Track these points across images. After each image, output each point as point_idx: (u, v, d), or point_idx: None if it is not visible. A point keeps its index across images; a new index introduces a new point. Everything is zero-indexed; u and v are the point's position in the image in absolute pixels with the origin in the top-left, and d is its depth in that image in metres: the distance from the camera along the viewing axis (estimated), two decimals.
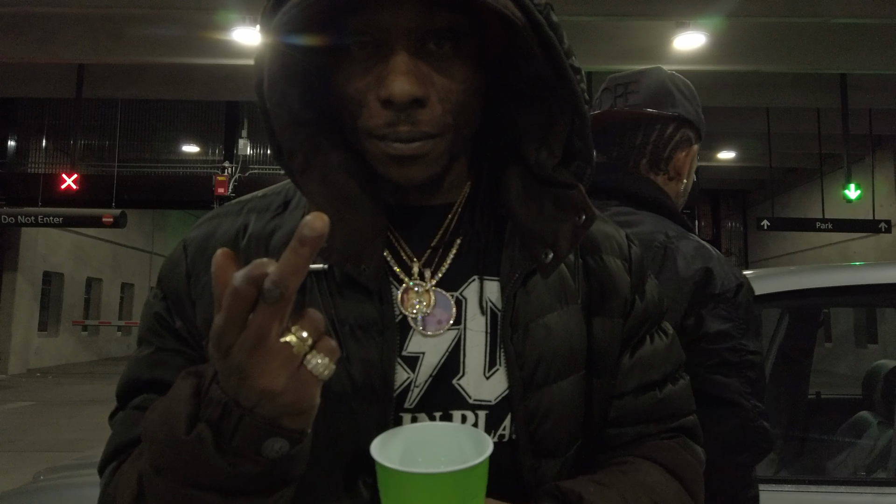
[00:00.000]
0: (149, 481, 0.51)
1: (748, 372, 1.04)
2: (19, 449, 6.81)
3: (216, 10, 8.58)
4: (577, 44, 3.25)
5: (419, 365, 0.62)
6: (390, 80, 0.56)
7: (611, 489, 0.62)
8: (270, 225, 0.67)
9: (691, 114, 1.26)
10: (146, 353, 0.66)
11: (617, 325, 0.70)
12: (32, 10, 8.96)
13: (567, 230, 0.63)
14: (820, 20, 8.46)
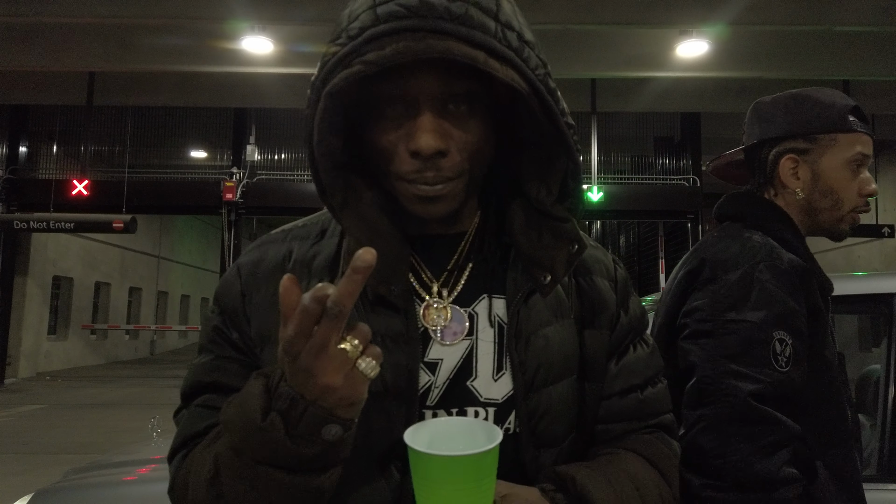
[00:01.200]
0: (225, 462, 0.63)
1: (727, 339, 1.09)
2: (33, 451, 6.93)
3: (226, 20, 8.74)
4: (582, 51, 3.46)
5: (438, 369, 0.73)
6: (418, 136, 0.67)
7: (598, 473, 0.72)
8: (311, 251, 0.79)
9: (778, 126, 1.27)
10: (206, 360, 0.77)
11: (604, 337, 0.81)
12: (44, 20, 9.12)
13: (562, 257, 0.75)
14: (822, 28, 8.55)
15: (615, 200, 12.75)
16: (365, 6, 0.66)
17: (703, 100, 11.99)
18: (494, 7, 0.66)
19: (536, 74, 0.67)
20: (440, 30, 0.63)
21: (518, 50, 0.66)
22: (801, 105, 1.27)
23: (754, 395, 1.05)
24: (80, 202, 11.66)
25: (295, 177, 13.16)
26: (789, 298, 1.11)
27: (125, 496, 2.04)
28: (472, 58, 0.63)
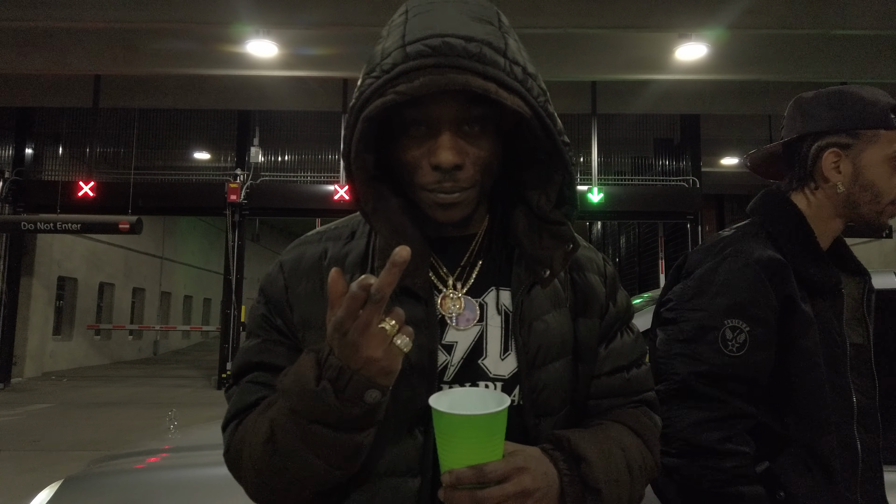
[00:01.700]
0: (281, 424, 0.75)
1: (683, 325, 1.22)
2: (43, 448, 7.05)
3: (231, 24, 8.86)
4: (583, 54, 3.64)
5: (454, 350, 0.86)
6: (439, 152, 0.80)
7: (589, 436, 0.85)
8: (344, 249, 0.92)
9: (822, 121, 1.29)
10: (254, 343, 0.90)
11: (595, 324, 0.94)
12: (52, 24, 9.24)
13: (559, 255, 0.87)
14: (820, 32, 8.66)
15: (615, 201, 12.86)
16: (396, 45, 0.78)
17: (702, 102, 12.10)
18: (503, 46, 0.79)
19: (538, 101, 0.79)
20: (459, 66, 0.75)
21: (523, 81, 0.79)
22: (844, 101, 1.29)
23: (697, 374, 1.17)
24: (86, 204, 11.80)
25: (298, 178, 13.28)
26: (750, 290, 1.19)
27: (144, 481, 2.16)
28: (486, 89, 0.75)
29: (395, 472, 0.82)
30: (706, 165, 15.88)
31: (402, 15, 0.84)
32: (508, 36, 0.82)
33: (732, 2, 7.92)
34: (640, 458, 0.88)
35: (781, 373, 1.21)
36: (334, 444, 0.75)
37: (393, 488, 0.82)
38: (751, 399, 1.18)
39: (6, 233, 12.53)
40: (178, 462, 2.27)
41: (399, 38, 0.78)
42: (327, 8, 8.36)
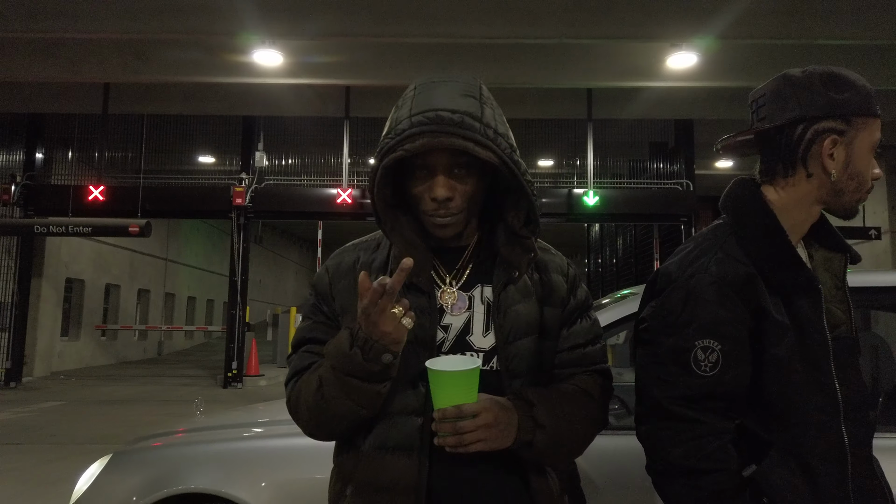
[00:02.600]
0: (326, 377, 1.09)
1: (656, 348, 1.22)
2: (60, 442, 7.37)
3: (238, 34, 9.16)
4: (578, 63, 4.21)
5: (449, 330, 1.18)
6: (435, 189, 1.13)
7: (541, 390, 1.18)
8: (371, 257, 1.25)
9: (818, 105, 1.23)
10: (307, 324, 1.24)
11: (557, 312, 1.26)
12: (65, 35, 9.54)
13: (525, 261, 1.21)
14: (805, 41, 8.98)
15: (611, 204, 13.18)
16: (405, 116, 1.12)
17: (695, 107, 12.42)
18: (480, 114, 1.12)
19: (506, 153, 1.13)
20: (447, 131, 1.09)
21: (493, 139, 1.12)
22: (839, 85, 1.23)
23: (671, 398, 1.18)
24: (96, 207, 12.12)
25: (301, 182, 13.60)
26: (718, 308, 1.18)
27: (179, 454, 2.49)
28: (465, 147, 1.09)
29: (404, 412, 1.15)
30: (702, 168, 16.19)
31: (411, 91, 1.18)
32: (486, 105, 1.15)
33: (721, 13, 8.23)
34: (584, 409, 1.21)
35: (759, 381, 1.21)
36: (361, 391, 1.09)
37: (402, 424, 1.15)
38: (729, 414, 1.19)
39: (19, 236, 12.84)
40: (206, 438, 2.59)
41: (408, 110, 1.13)
42: (331, 19, 8.67)
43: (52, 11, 8.70)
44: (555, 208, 13.26)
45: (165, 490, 2.30)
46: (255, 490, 2.20)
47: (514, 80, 10.83)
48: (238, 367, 12.84)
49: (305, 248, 38.85)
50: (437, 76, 1.20)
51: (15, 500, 5.04)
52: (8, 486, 5.40)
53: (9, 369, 12.80)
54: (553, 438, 1.14)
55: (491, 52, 10.15)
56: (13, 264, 13.36)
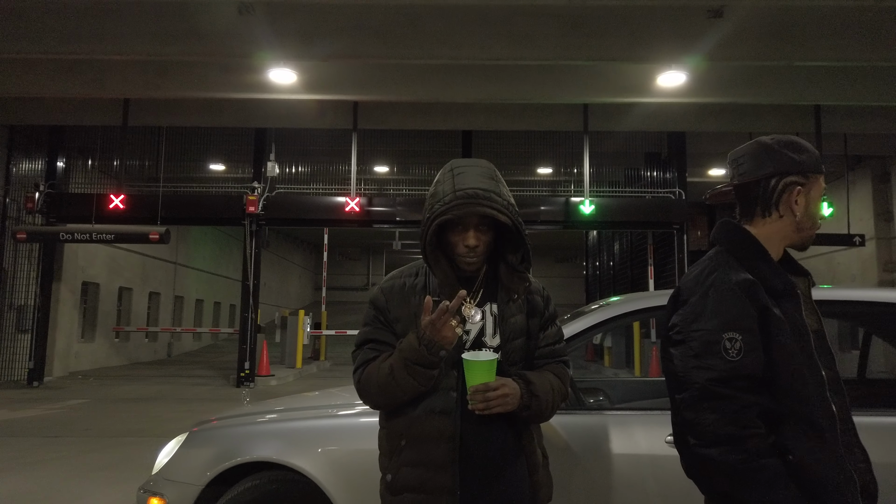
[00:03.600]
0: (397, 366, 1.71)
1: (691, 343, 1.53)
2: (95, 435, 7.96)
3: (254, 55, 9.77)
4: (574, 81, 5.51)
5: (469, 333, 1.80)
6: (468, 240, 1.74)
7: (535, 373, 1.79)
8: (413, 282, 1.85)
9: (786, 164, 1.60)
10: (369, 328, 1.84)
11: (537, 322, 1.87)
12: (90, 56, 10.12)
13: (522, 288, 1.83)
14: (784, 63, 9.61)
15: (607, 212, 13.79)
16: (450, 191, 1.71)
17: (686, 120, 13.04)
18: (499, 191, 1.73)
19: (514, 217, 1.74)
20: (479, 203, 1.69)
21: (508, 208, 1.73)
22: (800, 149, 1.61)
23: (711, 380, 1.47)
24: (117, 215, 12.74)
25: (311, 190, 14.22)
26: (734, 307, 1.51)
27: (246, 431, 3.09)
28: (491, 213, 1.70)
29: (446, 388, 1.75)
30: (695, 176, 16.79)
31: (449, 171, 1.79)
32: (500, 184, 1.78)
33: (705, 37, 8.85)
34: (557, 385, 1.82)
35: (770, 365, 1.50)
36: (423, 375, 1.69)
37: (444, 396, 1.75)
38: (754, 390, 1.47)
39: (46, 242, 13.46)
40: (263, 419, 3.20)
41: (451, 186, 1.73)
42: (341, 42, 9.28)
43: (81, 34, 9.31)
44: (553, 216, 13.89)
45: (236, 459, 2.91)
46: (310, 457, 2.81)
47: (513, 97, 11.46)
48: (250, 368, 13.44)
49: (309, 251, 39.48)
50: (465, 162, 1.83)
51: (68, 483, 5.65)
52: (59, 472, 6.01)
53: (32, 369, 13.41)
54: (542, 404, 1.76)
55: (492, 71, 10.79)
56: (34, 269, 13.99)
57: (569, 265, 37.76)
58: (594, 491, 2.60)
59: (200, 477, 2.94)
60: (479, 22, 9.03)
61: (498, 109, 13.08)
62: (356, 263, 42.57)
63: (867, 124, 13.12)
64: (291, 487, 2.83)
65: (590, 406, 3.11)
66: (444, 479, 1.70)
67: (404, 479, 1.75)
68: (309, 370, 16.50)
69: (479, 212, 1.70)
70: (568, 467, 2.60)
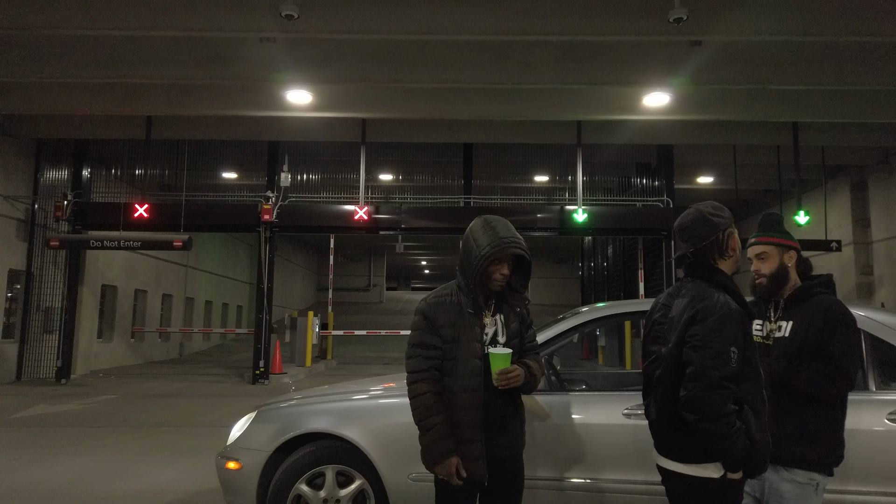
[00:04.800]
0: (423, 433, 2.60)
1: (709, 350, 2.14)
2: (135, 425, 8.83)
3: (272, 78, 10.61)
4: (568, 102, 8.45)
5: (486, 335, 2.68)
6: (504, 269, 2.63)
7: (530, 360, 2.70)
8: (451, 299, 2.72)
9: (723, 222, 2.37)
10: (419, 332, 2.71)
11: (525, 326, 2.77)
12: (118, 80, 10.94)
13: (522, 304, 2.74)
14: (758, 87, 10.50)
15: (599, 219, 14.68)
16: (493, 239, 2.58)
17: (672, 134, 13.94)
18: (522, 239, 2.63)
19: (528, 254, 2.63)
20: (514, 246, 2.58)
21: (526, 249, 2.62)
22: (723, 209, 2.41)
23: (722, 377, 2.12)
24: (141, 223, 13.61)
25: (321, 199, 15.10)
26: (737, 329, 2.18)
27: (302, 410, 3.96)
28: (521, 254, 2.61)
29: (474, 373, 2.58)
30: (684, 183, 17.67)
31: (485, 225, 2.65)
32: (518, 232, 2.66)
33: (686, 63, 9.72)
34: (539, 368, 2.72)
35: (741, 370, 2.19)
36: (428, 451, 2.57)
37: (473, 378, 2.56)
38: (736, 385, 2.15)
39: (77, 249, 14.31)
40: (315, 401, 4.08)
41: (494, 236, 2.59)
42: (353, 67, 10.16)
43: (113, 61, 10.16)
44: (548, 223, 14.78)
45: (295, 431, 3.79)
46: (356, 429, 3.69)
47: (511, 115, 12.36)
48: (265, 366, 14.32)
49: (311, 253, 40.33)
50: (492, 218, 2.69)
51: (127, 465, 6.52)
52: (115, 455, 6.89)
53: (59, 367, 14.27)
54: (535, 382, 2.66)
55: (492, 93, 11.70)
56: (60, 273, 14.86)
57: (566, 266, 38.74)
58: (571, 451, 3.49)
59: (269, 445, 3.82)
60: (481, 50, 9.92)
61: (497, 125, 13.97)
62: (357, 265, 43.46)
63: (844, 137, 14.00)
64: (341, 452, 3.71)
65: (568, 389, 4.00)
66: (473, 433, 2.57)
67: None
68: (318, 368, 17.36)
69: (516, 253, 2.59)
70: (552, 434, 3.49)
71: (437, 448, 2.53)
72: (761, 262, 2.71)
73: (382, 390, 4.02)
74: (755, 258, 2.73)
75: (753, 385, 2.23)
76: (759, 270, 2.72)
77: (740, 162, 15.34)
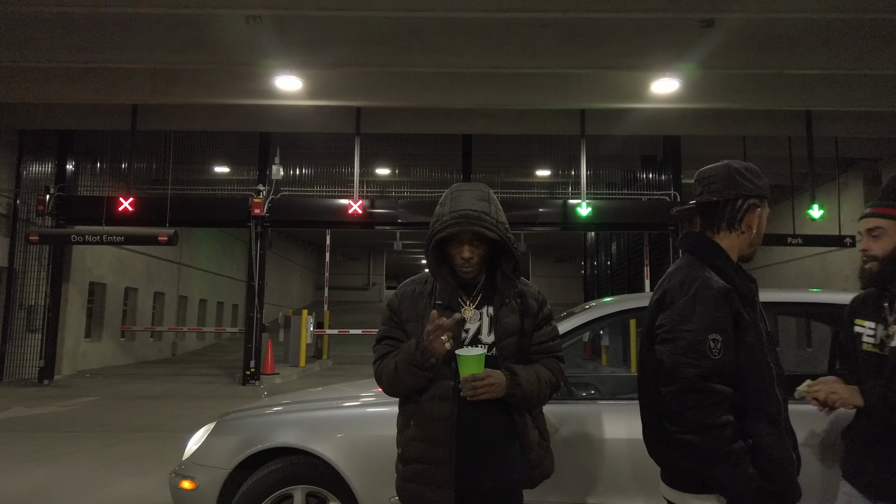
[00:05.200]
0: (400, 364, 2.06)
1: (679, 342, 1.72)
2: (112, 430, 8.28)
3: (260, 63, 10.07)
4: (570, 88, 6.62)
5: (468, 332, 2.13)
6: (463, 252, 2.08)
7: (522, 367, 2.11)
8: (422, 288, 2.19)
9: (751, 188, 1.86)
10: (386, 327, 2.18)
11: (531, 321, 2.19)
12: (99, 65, 10.42)
13: (512, 293, 2.15)
14: (774, 71, 9.93)
15: (603, 214, 14.11)
16: (447, 212, 2.05)
17: (681, 124, 13.36)
18: (489, 211, 2.06)
19: (503, 233, 2.06)
20: (471, 222, 2.03)
21: (497, 226, 2.06)
22: (759, 176, 1.89)
23: (698, 376, 1.68)
24: (126, 217, 13.06)
25: (314, 193, 14.54)
26: (716, 311, 1.71)
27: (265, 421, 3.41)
28: (481, 231, 2.04)
29: (445, 378, 2.06)
30: (690, 178, 17.02)
31: (449, 195, 2.11)
32: (492, 205, 2.10)
33: (698, 46, 9.16)
34: (547, 377, 2.14)
35: (738, 363, 1.73)
36: (418, 375, 2.02)
37: (443, 385, 2.06)
38: (725, 385, 1.68)
39: (58, 244, 13.77)
40: (284, 410, 3.53)
41: (448, 209, 2.06)
42: (345, 51, 9.60)
43: (94, 44, 9.62)
44: (551, 218, 14.22)
45: (259, 445, 3.24)
46: (328, 444, 3.14)
47: (511, 103, 11.79)
48: (256, 366, 13.77)
49: (309, 251, 39.79)
50: (463, 186, 2.15)
51: (94, 473, 5.98)
52: (84, 464, 6.34)
53: (42, 368, 13.74)
54: (526, 392, 2.08)
55: (491, 79, 11.13)
56: (44, 270, 14.32)
57: (568, 265, 38.03)
58: (583, 471, 2.94)
59: (229, 461, 3.27)
60: (480, 32, 9.35)
61: (497, 114, 13.41)
62: (357, 263, 42.92)
63: (858, 128, 13.43)
64: (312, 471, 3.17)
65: (579, 397, 3.44)
66: (442, 452, 2.03)
67: (412, 451, 2.10)
68: (312, 369, 16.82)
69: (471, 230, 2.03)
70: (559, 451, 2.93)
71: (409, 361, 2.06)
72: (873, 241, 2.05)
73: (374, 396, 3.47)
74: (866, 234, 2.07)
75: (762, 383, 1.75)
76: (868, 250, 2.05)
77: (750, 155, 14.73)
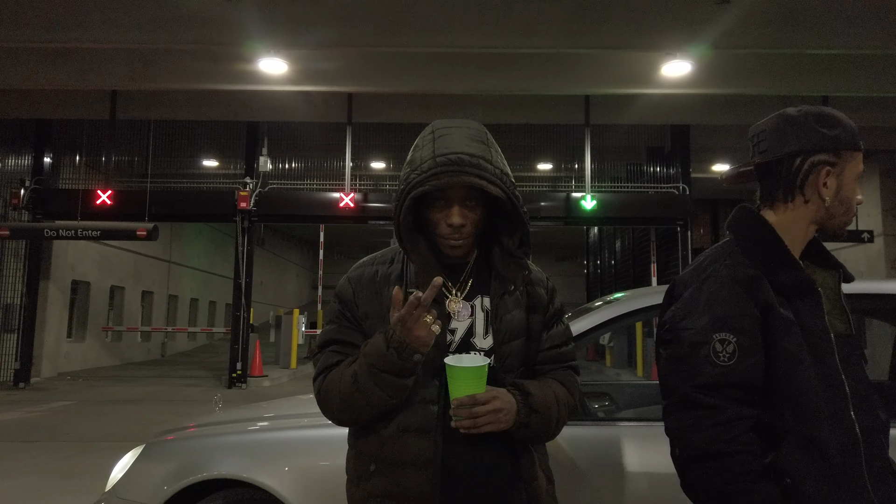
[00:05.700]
0: (362, 373, 1.33)
1: (676, 345, 1.36)
2: (76, 440, 7.61)
3: (243, 43, 9.41)
4: (575, 71, 4.89)
5: (455, 333, 1.43)
6: (452, 217, 1.37)
7: (535, 382, 1.42)
8: (388, 270, 1.49)
9: (815, 140, 1.37)
10: (333, 327, 1.48)
11: (540, 318, 1.51)
12: (74, 45, 9.78)
13: (520, 277, 1.45)
14: (795, 51, 9.24)
15: (609, 208, 13.42)
16: (429, 156, 1.36)
17: (691, 112, 12.67)
18: (490, 157, 1.37)
19: (509, 188, 1.38)
20: (465, 171, 1.34)
21: (501, 178, 1.37)
22: (830, 122, 1.38)
23: (695, 387, 1.30)
24: (104, 211, 12.37)
25: (304, 186, 13.84)
26: (730, 304, 1.31)
27: (201, 444, 2.73)
28: (480, 184, 1.34)
29: (423, 401, 1.39)
30: (699, 172, 16.42)
31: (430, 134, 1.43)
32: (492, 149, 1.41)
33: (713, 24, 8.48)
34: (564, 397, 1.46)
35: (771, 372, 1.31)
36: (393, 385, 1.33)
37: (421, 410, 1.39)
38: (748, 401, 1.28)
39: (29, 239, 13.08)
40: (229, 430, 2.84)
41: (430, 151, 1.37)
42: (334, 30, 8.92)
43: (65, 22, 8.95)
44: (553, 212, 13.52)
45: (194, 476, 2.55)
46: (278, 475, 2.46)
47: (511, 88, 11.10)
48: (242, 368, 13.08)
49: (306, 250, 39.07)
50: (450, 122, 1.46)
51: (40, 492, 5.29)
52: (32, 480, 5.65)
53: (18, 370, 13.05)
54: (543, 421, 1.41)
55: (489, 61, 10.41)
56: (21, 267, 13.62)
57: (569, 264, 37.36)
58: None
59: (158, 494, 2.58)
60: (478, 8, 8.65)
61: (496, 102, 12.70)
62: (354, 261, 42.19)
63: (876, 116, 12.75)
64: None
65: (597, 416, 2.75)
66: None
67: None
68: (304, 370, 16.13)
69: (465, 182, 1.34)
70: (572, 488, 2.24)
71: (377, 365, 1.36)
72: None
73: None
74: None
75: (812, 404, 1.29)
76: None
77: None
